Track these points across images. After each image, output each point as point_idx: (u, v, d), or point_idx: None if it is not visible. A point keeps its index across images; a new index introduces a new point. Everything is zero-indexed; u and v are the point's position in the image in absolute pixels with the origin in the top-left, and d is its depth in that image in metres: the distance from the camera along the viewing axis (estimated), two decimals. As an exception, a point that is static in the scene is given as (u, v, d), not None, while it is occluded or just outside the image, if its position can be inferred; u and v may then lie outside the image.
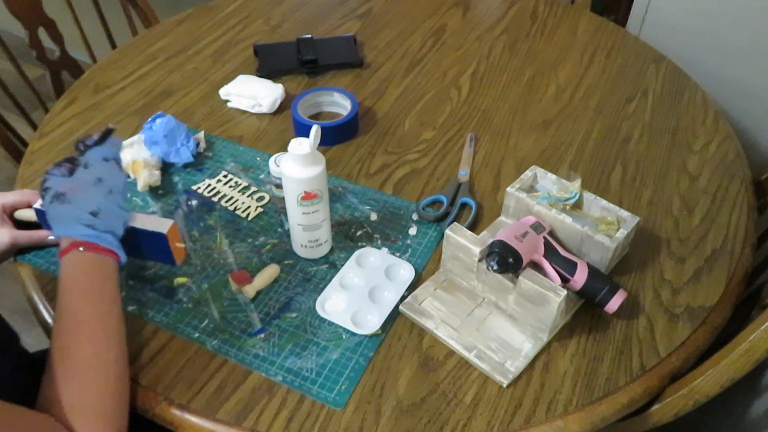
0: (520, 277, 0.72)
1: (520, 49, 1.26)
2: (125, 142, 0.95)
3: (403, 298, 0.79)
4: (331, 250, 0.85)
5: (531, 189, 0.88)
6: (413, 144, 1.03)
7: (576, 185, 0.84)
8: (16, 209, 0.83)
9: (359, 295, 0.79)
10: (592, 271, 0.76)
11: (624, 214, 0.81)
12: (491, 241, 0.75)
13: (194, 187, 0.94)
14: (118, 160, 0.76)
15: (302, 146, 0.74)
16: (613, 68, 1.20)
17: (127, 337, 0.75)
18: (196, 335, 0.75)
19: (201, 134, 1.01)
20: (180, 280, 0.81)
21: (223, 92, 1.10)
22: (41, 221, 0.81)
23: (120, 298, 0.70)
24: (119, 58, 1.22)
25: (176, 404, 0.69)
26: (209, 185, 0.94)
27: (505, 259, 0.72)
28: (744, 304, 0.92)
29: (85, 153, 0.74)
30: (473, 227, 0.89)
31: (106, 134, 0.77)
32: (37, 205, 0.79)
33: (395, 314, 0.78)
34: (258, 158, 0.99)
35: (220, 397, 0.70)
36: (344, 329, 0.76)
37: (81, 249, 0.68)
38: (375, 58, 1.23)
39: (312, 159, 0.75)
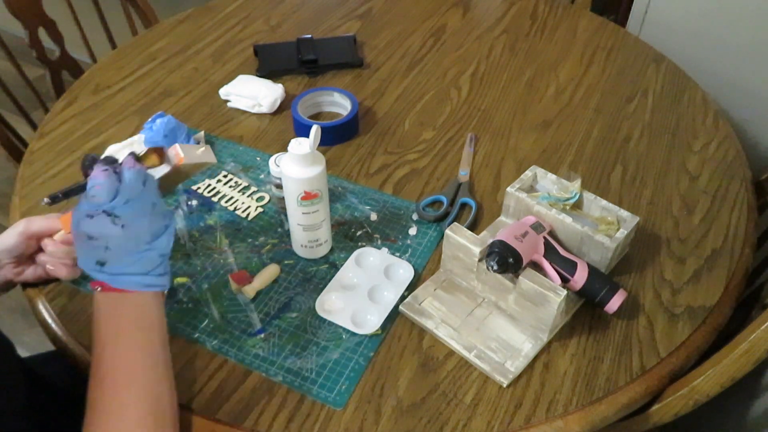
0: (520, 277, 0.72)
1: (520, 49, 1.26)
2: (125, 142, 0.95)
3: (402, 297, 0.79)
4: (331, 250, 0.85)
5: (531, 189, 0.88)
6: (413, 144, 1.03)
7: (576, 185, 0.84)
8: (43, 236, 0.75)
9: (359, 295, 0.79)
10: (592, 271, 0.76)
11: (624, 214, 0.81)
12: (491, 241, 0.75)
13: (194, 187, 0.94)
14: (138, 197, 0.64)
15: (302, 146, 0.74)
16: (613, 68, 1.20)
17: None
18: (196, 335, 0.75)
19: (201, 134, 1.01)
20: (180, 280, 0.81)
21: (223, 92, 1.10)
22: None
23: (158, 336, 0.64)
24: (119, 58, 1.22)
25: (176, 404, 0.69)
26: (209, 185, 0.94)
27: (505, 259, 0.72)
28: (744, 304, 0.92)
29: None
30: (473, 227, 0.89)
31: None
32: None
33: (395, 314, 0.78)
34: (258, 158, 0.99)
35: (220, 397, 0.70)
36: (344, 329, 0.76)
37: (98, 289, 0.63)
38: (375, 58, 1.23)
39: (312, 159, 0.75)
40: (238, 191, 0.93)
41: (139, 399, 0.60)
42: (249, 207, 0.91)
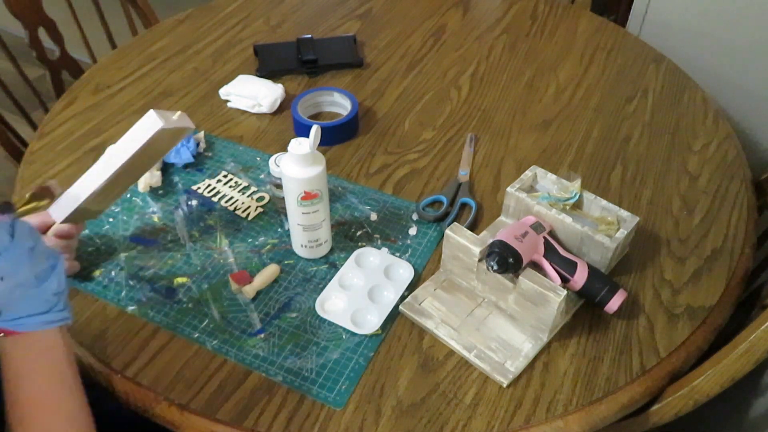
0: (520, 277, 0.72)
1: (520, 49, 1.26)
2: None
3: (402, 297, 0.79)
4: (331, 250, 0.85)
5: (531, 189, 0.88)
6: (413, 144, 1.03)
7: (576, 185, 0.84)
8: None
9: (359, 295, 0.79)
10: (592, 271, 0.76)
11: (624, 214, 0.81)
12: (491, 241, 0.75)
13: (194, 187, 0.94)
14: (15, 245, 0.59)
15: (302, 146, 0.74)
16: (613, 68, 1.20)
17: (127, 337, 0.75)
18: (196, 335, 0.75)
19: (201, 134, 1.01)
20: (180, 280, 0.81)
21: (223, 92, 1.10)
22: None
23: (68, 367, 0.63)
24: (119, 58, 1.22)
25: (176, 404, 0.69)
26: (209, 185, 0.94)
27: (505, 259, 0.72)
28: (744, 304, 0.92)
29: None
30: (473, 227, 0.89)
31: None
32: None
33: (395, 314, 0.78)
34: (258, 158, 0.99)
35: (220, 397, 0.70)
36: (344, 329, 0.76)
37: (1, 335, 0.61)
38: (375, 58, 1.23)
39: (312, 159, 0.75)
40: (238, 191, 0.93)
41: (62, 427, 0.61)
42: (249, 207, 0.91)
